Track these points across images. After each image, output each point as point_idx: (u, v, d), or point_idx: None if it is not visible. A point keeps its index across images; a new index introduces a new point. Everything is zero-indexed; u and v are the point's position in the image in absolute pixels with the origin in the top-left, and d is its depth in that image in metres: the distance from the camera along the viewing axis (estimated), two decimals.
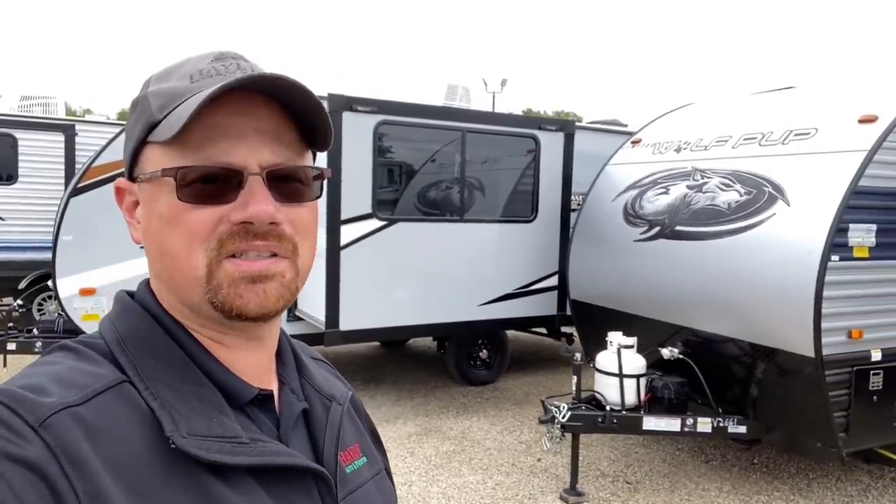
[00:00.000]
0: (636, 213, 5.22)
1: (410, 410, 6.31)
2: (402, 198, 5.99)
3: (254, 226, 0.63)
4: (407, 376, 7.52)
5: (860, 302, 3.89)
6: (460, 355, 7.02)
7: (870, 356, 3.95)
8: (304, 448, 0.72)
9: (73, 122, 8.29)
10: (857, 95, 4.39)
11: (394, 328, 5.80)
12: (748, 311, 4.20)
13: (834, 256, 3.76)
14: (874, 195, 3.88)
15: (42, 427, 0.55)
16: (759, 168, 4.40)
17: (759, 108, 5.04)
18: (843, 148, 3.96)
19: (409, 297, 5.80)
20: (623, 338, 4.66)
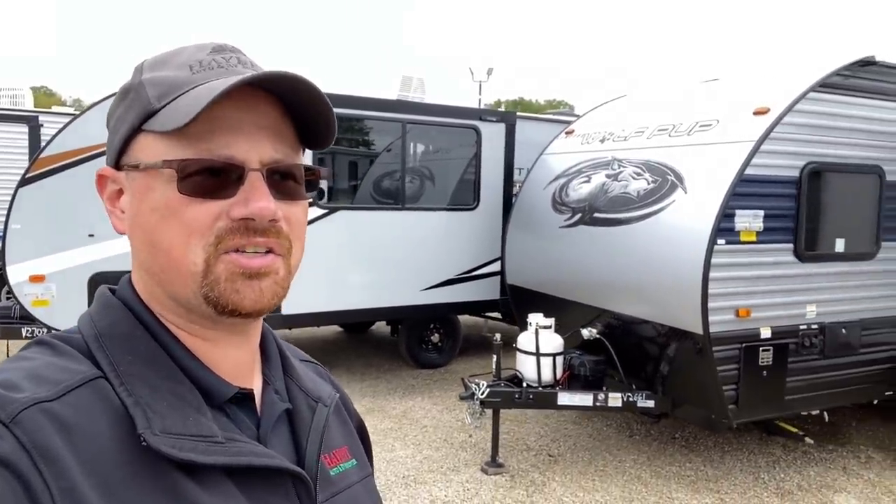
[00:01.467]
0: (562, 201, 5.47)
1: (358, 392, 6.57)
2: (344, 187, 6.22)
3: (254, 222, 0.63)
4: (361, 360, 7.79)
5: (747, 283, 4.15)
6: (412, 339, 7.28)
7: (759, 333, 4.22)
8: (286, 449, 0.72)
9: (37, 114, 8.47)
10: (759, 88, 4.64)
11: (336, 312, 6.06)
12: (652, 293, 4.47)
13: (720, 240, 4.02)
14: (761, 182, 4.13)
15: (13, 423, 0.54)
16: (666, 157, 4.65)
17: (678, 100, 5.29)
18: (737, 138, 4.22)
19: (350, 282, 6.05)
20: (542, 319, 4.92)
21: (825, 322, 4.47)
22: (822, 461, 5.16)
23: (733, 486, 4.68)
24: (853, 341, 4.58)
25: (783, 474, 4.90)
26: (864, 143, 4.51)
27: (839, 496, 4.57)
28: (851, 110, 4.44)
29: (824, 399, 4.66)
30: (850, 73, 4.43)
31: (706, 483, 4.72)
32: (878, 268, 4.68)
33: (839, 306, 4.53)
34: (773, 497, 4.53)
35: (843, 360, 4.59)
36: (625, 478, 4.77)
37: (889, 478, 4.88)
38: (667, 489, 4.61)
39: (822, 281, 4.44)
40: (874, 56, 4.45)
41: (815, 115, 4.28)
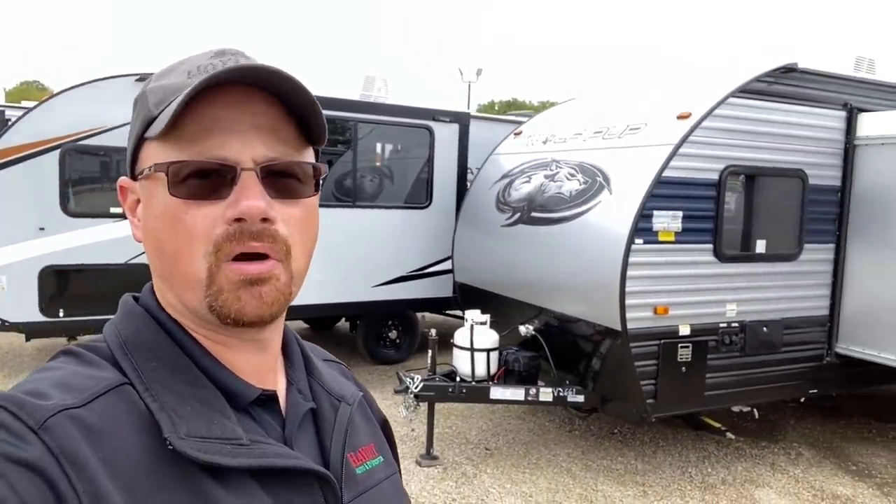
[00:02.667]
0: (504, 200, 5.59)
1: None
2: None
3: (247, 223, 0.63)
4: None
5: (665, 281, 4.28)
6: (369, 335, 7.39)
7: (678, 331, 4.35)
8: (311, 449, 0.72)
9: (3, 108, 8.55)
10: (687, 93, 4.77)
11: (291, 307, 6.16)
12: (580, 291, 4.59)
13: (638, 240, 4.15)
14: (680, 184, 4.27)
15: (41, 429, 0.55)
16: (597, 159, 4.78)
17: (617, 103, 5.42)
18: (658, 142, 4.35)
19: None
20: (477, 315, 5.04)
21: (746, 321, 4.61)
22: (752, 457, 5.30)
23: (659, 479, 4.81)
24: (775, 339, 4.71)
25: (710, 469, 5.04)
26: (787, 148, 4.65)
27: (761, 491, 4.71)
28: (774, 115, 4.57)
29: (746, 395, 4.79)
30: (774, 80, 4.57)
31: (633, 476, 4.85)
32: (800, 268, 4.82)
33: (761, 305, 4.66)
34: (696, 490, 4.66)
35: (765, 357, 4.73)
36: (555, 470, 4.89)
37: (814, 474, 5.02)
38: (593, 481, 4.73)
39: (743, 281, 4.58)
40: (796, 63, 4.58)
41: (735, 120, 4.42)
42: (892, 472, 5.14)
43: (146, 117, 0.66)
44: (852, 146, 4.84)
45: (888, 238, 4.66)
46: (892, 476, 5.06)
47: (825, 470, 5.11)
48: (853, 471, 5.14)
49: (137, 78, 6.03)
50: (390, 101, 7.23)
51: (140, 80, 6.06)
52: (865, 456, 5.43)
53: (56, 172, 5.73)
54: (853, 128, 4.81)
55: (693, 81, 4.97)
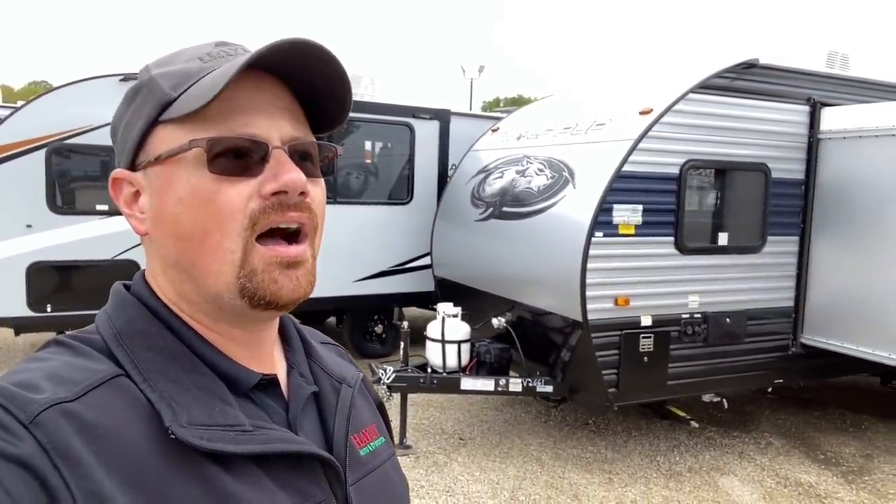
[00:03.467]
0: (479, 196, 5.70)
1: None
2: None
3: (287, 196, 0.63)
4: None
5: (626, 273, 4.38)
6: (355, 329, 7.52)
7: (640, 321, 4.45)
8: (315, 432, 0.72)
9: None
10: (650, 88, 4.86)
11: None
12: (546, 284, 4.70)
13: (598, 233, 4.25)
14: (640, 179, 4.36)
15: (33, 424, 0.54)
16: (564, 154, 4.88)
17: (588, 100, 5.51)
18: (619, 137, 4.44)
19: None
20: (449, 308, 5.16)
21: (709, 312, 4.70)
22: (722, 446, 5.39)
23: (626, 467, 4.92)
24: (738, 330, 4.80)
25: (678, 458, 5.14)
26: (749, 142, 4.73)
27: (725, 478, 4.81)
28: (735, 110, 4.65)
29: (711, 385, 4.89)
30: (736, 76, 4.65)
31: (601, 464, 4.95)
32: (764, 261, 4.90)
33: (723, 297, 4.75)
34: (661, 478, 4.77)
35: (729, 348, 4.82)
36: (524, 459, 5.01)
37: (781, 462, 5.11)
38: (561, 469, 4.84)
39: (705, 273, 4.67)
40: (758, 59, 4.66)
41: (696, 115, 4.50)
42: (860, 461, 5.22)
43: (161, 101, 0.64)
44: (816, 140, 4.91)
45: (851, 231, 4.74)
46: (859, 465, 5.15)
47: (793, 459, 5.20)
48: (821, 459, 5.23)
49: (122, 78, 6.17)
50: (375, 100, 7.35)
51: (125, 79, 6.20)
52: (835, 445, 5.51)
53: (43, 171, 5.88)
54: (817, 122, 4.89)
55: (658, 77, 5.05)
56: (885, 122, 4.50)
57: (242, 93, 0.63)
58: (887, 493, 4.66)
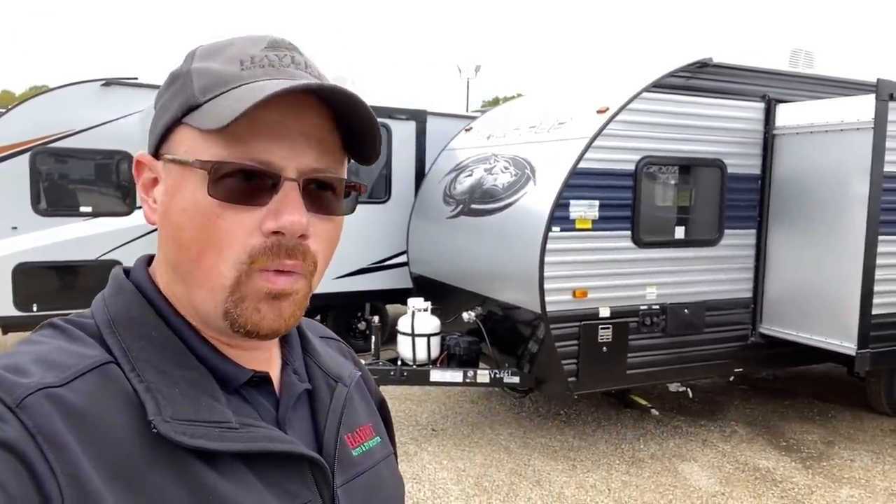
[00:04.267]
0: (450, 193, 5.86)
1: None
2: None
3: (284, 238, 0.61)
4: None
5: (584, 266, 4.54)
6: (338, 326, 7.68)
7: (598, 313, 4.61)
8: (305, 431, 0.71)
9: None
10: (608, 87, 5.02)
11: None
12: (509, 278, 4.86)
13: (555, 227, 4.41)
14: (597, 175, 4.52)
15: (19, 408, 0.54)
16: (527, 152, 5.04)
17: (554, 99, 5.67)
18: (577, 135, 4.60)
19: None
20: (419, 303, 5.32)
21: (667, 303, 4.86)
22: (687, 434, 5.55)
23: (591, 454, 5.08)
24: (697, 321, 4.96)
25: (643, 445, 5.29)
26: (705, 139, 4.89)
27: (686, 464, 4.96)
28: (691, 108, 4.81)
29: (671, 374, 5.04)
30: (691, 75, 4.81)
31: (566, 452, 5.11)
32: (721, 253, 5.05)
33: (681, 288, 4.91)
34: (623, 464, 4.92)
35: (688, 338, 4.97)
36: (493, 448, 5.17)
37: (742, 449, 5.27)
38: (527, 457, 5.01)
39: (663, 265, 4.82)
40: (711, 58, 4.82)
41: (651, 114, 4.66)
42: (821, 447, 5.38)
43: (188, 101, 0.62)
44: (771, 136, 5.06)
45: (805, 224, 4.89)
46: (819, 451, 5.30)
47: (755, 446, 5.35)
48: (783, 446, 5.38)
49: (104, 83, 6.36)
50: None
51: (106, 84, 6.39)
52: (799, 433, 5.66)
53: (27, 174, 6.06)
54: (772, 119, 5.04)
55: (617, 77, 5.21)
56: (833, 117, 4.65)
57: (271, 115, 0.60)
58: (841, 477, 4.82)
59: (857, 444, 5.42)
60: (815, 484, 4.69)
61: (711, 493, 4.49)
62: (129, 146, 6.41)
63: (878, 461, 5.10)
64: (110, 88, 6.39)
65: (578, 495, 4.43)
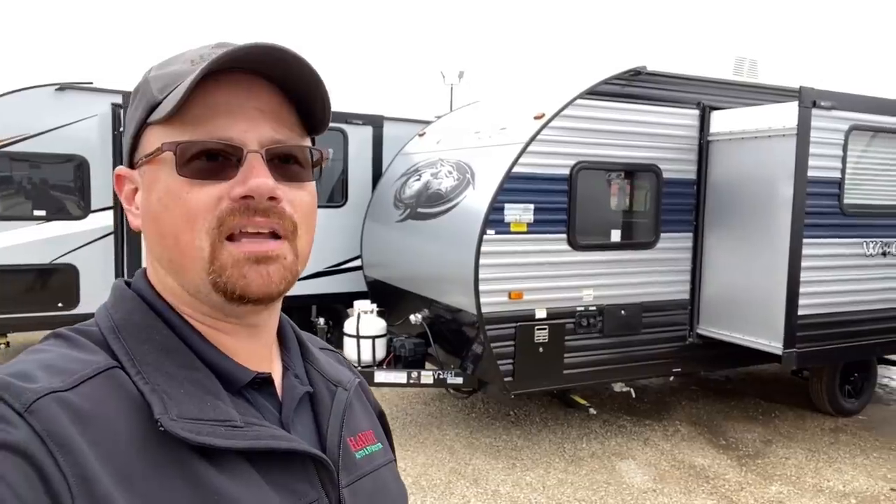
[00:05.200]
0: (399, 197, 5.96)
1: None
2: None
3: (254, 200, 0.63)
4: None
5: (519, 269, 4.65)
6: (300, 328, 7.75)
7: (534, 314, 4.72)
8: (309, 433, 0.72)
9: None
10: (547, 94, 5.14)
11: None
12: (449, 281, 4.96)
13: (490, 231, 4.51)
14: (531, 179, 4.63)
15: (28, 412, 0.55)
16: (469, 157, 5.15)
17: (499, 105, 5.79)
18: (513, 141, 4.72)
19: None
20: (365, 305, 5.41)
21: (604, 304, 4.97)
22: (631, 434, 5.66)
23: (532, 454, 5.17)
24: (633, 322, 5.08)
25: (585, 445, 5.40)
26: (640, 144, 5.02)
27: (623, 462, 5.07)
28: (626, 115, 4.94)
29: (609, 374, 5.16)
30: (626, 82, 4.94)
31: (508, 452, 5.20)
32: (658, 256, 5.18)
33: (618, 290, 5.03)
34: (562, 463, 5.02)
35: (625, 338, 5.09)
36: (437, 448, 5.25)
37: (682, 448, 5.39)
38: (469, 456, 5.09)
39: (599, 268, 4.94)
40: (645, 66, 4.95)
41: (585, 120, 4.78)
42: (759, 445, 5.51)
43: (149, 103, 0.66)
44: (706, 142, 5.21)
45: (738, 227, 5.03)
46: (756, 449, 5.43)
47: (694, 444, 5.47)
48: (722, 445, 5.51)
49: (58, 87, 6.39)
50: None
51: (60, 89, 6.43)
52: (740, 432, 5.80)
53: None
54: (706, 125, 5.19)
55: (558, 83, 5.34)
56: (761, 124, 4.80)
57: (225, 97, 0.64)
58: (774, 474, 4.95)
59: (794, 443, 5.56)
60: (746, 481, 4.81)
61: (643, 490, 4.60)
62: (84, 150, 6.45)
63: (812, 459, 5.24)
64: (65, 93, 6.43)
65: (513, 493, 4.52)
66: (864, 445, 5.55)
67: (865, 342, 5.16)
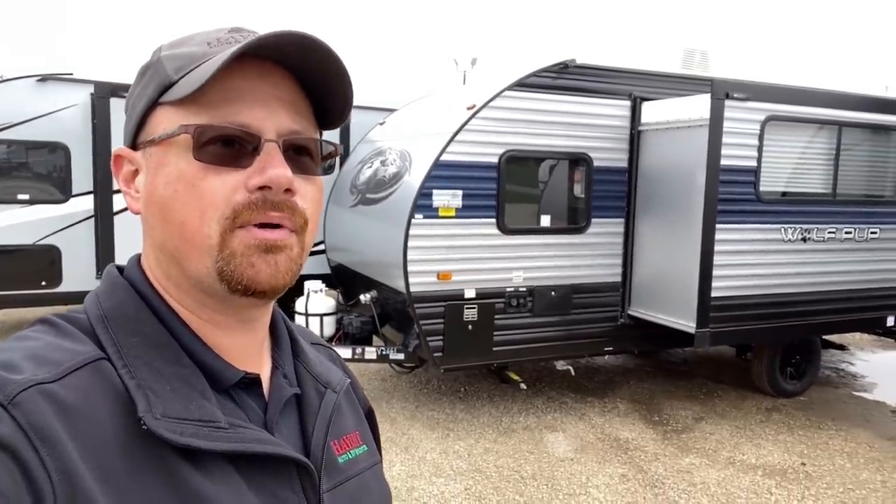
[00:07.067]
0: (353, 184, 6.28)
1: None
2: None
3: (271, 192, 0.62)
4: None
5: (448, 251, 4.94)
6: None
7: (463, 294, 5.02)
8: (293, 435, 0.71)
9: None
10: (482, 86, 5.40)
11: None
12: (385, 263, 5.27)
13: (418, 215, 4.81)
14: (460, 167, 4.91)
15: (11, 405, 0.53)
16: (410, 146, 5.44)
17: (447, 96, 6.06)
18: (445, 130, 5.00)
19: None
20: (315, 284, 5.75)
21: (534, 286, 5.26)
22: (570, 410, 5.95)
23: (469, 425, 5.49)
24: (563, 303, 5.36)
25: (522, 419, 5.71)
26: (571, 134, 5.26)
27: (552, 434, 5.38)
28: (557, 106, 5.18)
29: (540, 351, 5.45)
30: (556, 74, 5.18)
31: (447, 423, 5.54)
32: (588, 240, 5.44)
33: (549, 272, 5.31)
34: (494, 433, 5.34)
35: (555, 318, 5.38)
36: (380, 419, 5.59)
37: (613, 423, 5.66)
38: (407, 427, 5.43)
39: (529, 251, 5.22)
40: (574, 59, 5.19)
41: (515, 111, 5.04)
42: (689, 422, 5.78)
43: (163, 82, 0.64)
44: (637, 132, 5.44)
45: (664, 213, 5.27)
46: (685, 425, 5.70)
47: (627, 420, 5.76)
48: (654, 421, 5.78)
49: (39, 78, 6.80)
50: None
51: (42, 80, 6.83)
52: (676, 409, 6.06)
53: None
54: (637, 115, 5.41)
55: (491, 76, 5.60)
56: (683, 115, 5.02)
57: (244, 81, 0.62)
58: (693, 447, 5.22)
59: (725, 420, 5.82)
60: (663, 453, 5.09)
61: (561, 459, 4.91)
62: (65, 138, 6.86)
63: (736, 435, 5.50)
64: (46, 84, 6.83)
65: (438, 459, 4.86)
66: (792, 424, 5.79)
67: (785, 324, 5.39)
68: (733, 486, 4.57)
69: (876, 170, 5.66)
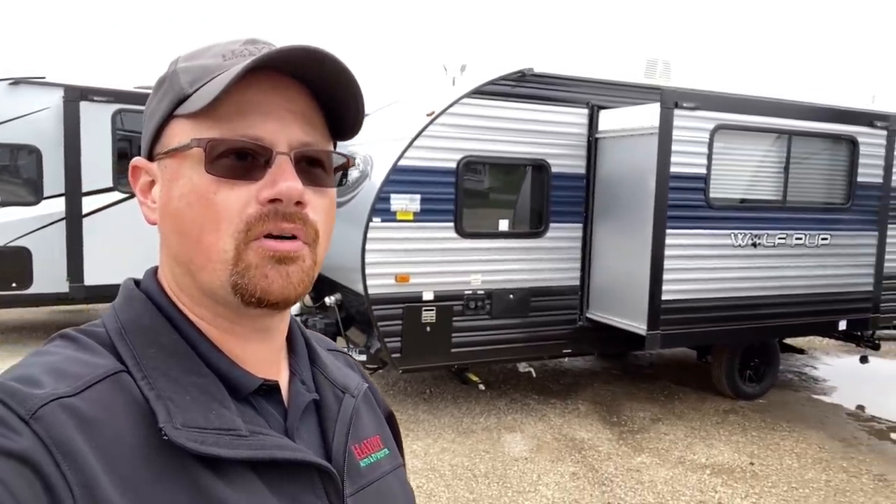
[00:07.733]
0: None
1: None
2: None
3: (282, 204, 0.63)
4: None
5: (406, 254, 5.05)
6: None
7: (421, 296, 5.13)
8: (314, 441, 0.71)
9: None
10: (442, 93, 5.53)
11: None
12: (347, 266, 5.37)
13: (376, 218, 4.92)
14: (418, 172, 5.03)
15: (33, 419, 0.54)
16: (373, 151, 5.55)
17: (412, 101, 6.17)
18: (404, 135, 5.12)
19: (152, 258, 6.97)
20: None
21: (492, 289, 5.38)
22: (531, 411, 6.06)
23: (429, 426, 5.59)
24: (522, 306, 5.48)
25: (483, 420, 5.81)
26: (529, 141, 5.39)
27: (510, 435, 5.48)
28: (514, 113, 5.31)
29: (499, 353, 5.57)
30: (515, 82, 5.31)
31: (408, 424, 5.63)
32: (547, 245, 5.57)
33: (507, 276, 5.43)
34: (453, 433, 5.44)
35: (514, 320, 5.49)
36: None
37: (572, 424, 5.78)
38: None
39: (487, 254, 5.34)
40: (532, 68, 5.32)
41: (473, 118, 5.16)
42: (646, 423, 5.90)
43: (178, 95, 0.65)
44: (594, 139, 5.58)
45: (619, 218, 5.41)
46: (642, 426, 5.82)
47: (585, 421, 5.87)
48: (612, 422, 5.90)
49: (11, 82, 6.87)
50: None
51: (14, 83, 6.90)
52: (635, 411, 6.18)
53: None
54: (595, 123, 5.55)
55: (453, 82, 5.72)
56: (636, 123, 5.17)
57: (258, 94, 0.63)
58: (646, 447, 5.34)
59: (681, 422, 5.95)
60: (616, 452, 5.21)
61: (515, 458, 5.01)
62: (37, 140, 6.93)
63: (690, 436, 5.62)
64: (18, 87, 6.90)
65: None
66: (747, 426, 5.93)
67: (738, 327, 5.53)
68: (680, 485, 4.70)
69: (826, 177, 5.83)
